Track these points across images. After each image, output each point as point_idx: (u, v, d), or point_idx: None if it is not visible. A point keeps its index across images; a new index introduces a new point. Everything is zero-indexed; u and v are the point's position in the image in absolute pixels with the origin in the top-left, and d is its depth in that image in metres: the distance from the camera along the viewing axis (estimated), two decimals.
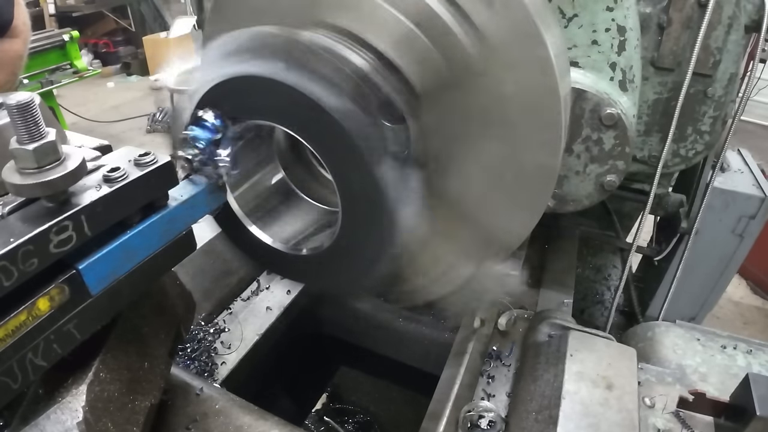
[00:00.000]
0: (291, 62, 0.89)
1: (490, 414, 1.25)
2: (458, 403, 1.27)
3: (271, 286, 1.76)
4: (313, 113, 0.87)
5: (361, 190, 0.92)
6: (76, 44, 6.43)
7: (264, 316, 1.63)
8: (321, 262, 1.08)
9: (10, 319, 0.68)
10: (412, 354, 1.81)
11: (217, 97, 0.96)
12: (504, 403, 1.32)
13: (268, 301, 1.69)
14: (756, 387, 1.02)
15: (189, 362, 1.44)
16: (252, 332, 1.56)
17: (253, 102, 0.94)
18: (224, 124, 0.95)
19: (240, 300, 1.69)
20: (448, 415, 1.24)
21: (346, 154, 0.89)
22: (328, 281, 1.13)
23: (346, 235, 1.00)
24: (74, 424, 0.80)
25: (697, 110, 1.66)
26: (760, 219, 2.21)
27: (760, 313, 4.90)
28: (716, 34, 1.53)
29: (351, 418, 2.52)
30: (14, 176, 0.70)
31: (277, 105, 0.92)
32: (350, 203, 0.96)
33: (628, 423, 1.08)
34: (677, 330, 1.46)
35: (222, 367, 1.44)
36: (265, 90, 0.91)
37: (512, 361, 1.44)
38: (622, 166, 1.33)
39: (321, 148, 0.93)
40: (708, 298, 2.48)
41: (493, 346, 1.48)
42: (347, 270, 1.06)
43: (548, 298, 1.71)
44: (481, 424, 1.24)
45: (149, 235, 0.85)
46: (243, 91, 0.94)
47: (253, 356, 1.52)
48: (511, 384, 1.37)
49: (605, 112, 1.26)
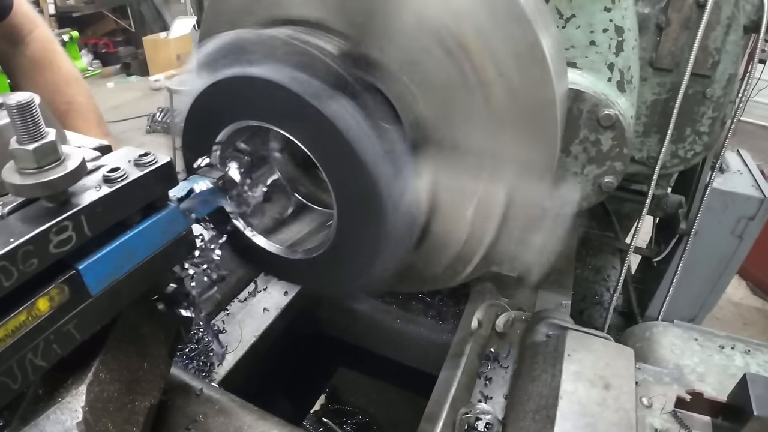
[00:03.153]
0: (279, 61, 0.90)
1: (487, 416, 1.25)
2: (455, 404, 1.27)
3: (268, 287, 1.76)
4: (305, 114, 0.87)
5: (356, 190, 0.92)
6: (75, 44, 6.46)
7: (261, 317, 1.64)
8: (317, 264, 1.08)
9: (9, 320, 0.68)
10: (411, 355, 1.81)
11: (208, 101, 0.97)
12: (501, 405, 1.32)
13: (266, 302, 1.69)
14: (753, 387, 1.02)
15: (187, 361, 1.44)
16: (249, 333, 1.57)
17: (243, 103, 0.95)
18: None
19: (237, 301, 1.70)
20: (445, 417, 1.24)
21: (340, 154, 0.89)
22: (324, 283, 1.13)
23: (341, 237, 1.00)
24: (74, 425, 0.80)
25: (696, 111, 1.65)
26: (759, 220, 2.20)
27: (760, 314, 4.90)
28: (715, 34, 1.52)
29: (349, 419, 2.52)
30: (14, 176, 0.70)
31: (267, 105, 0.93)
32: (345, 204, 0.96)
33: (626, 423, 1.08)
34: (675, 330, 1.46)
35: (219, 368, 1.44)
36: (254, 90, 0.91)
37: (510, 363, 1.44)
38: (620, 167, 1.32)
39: (315, 149, 0.93)
40: (707, 299, 2.48)
41: (490, 347, 1.47)
42: (344, 271, 1.05)
43: (546, 299, 1.71)
44: (478, 426, 1.24)
45: (149, 235, 0.85)
46: (233, 93, 0.95)
47: (250, 357, 1.52)
48: (509, 386, 1.37)
49: (603, 113, 1.25)
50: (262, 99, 0.92)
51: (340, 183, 0.94)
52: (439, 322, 1.77)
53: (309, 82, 0.89)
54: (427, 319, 1.78)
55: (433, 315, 1.79)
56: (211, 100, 0.98)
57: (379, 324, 1.82)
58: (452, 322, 1.72)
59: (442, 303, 1.83)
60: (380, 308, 1.83)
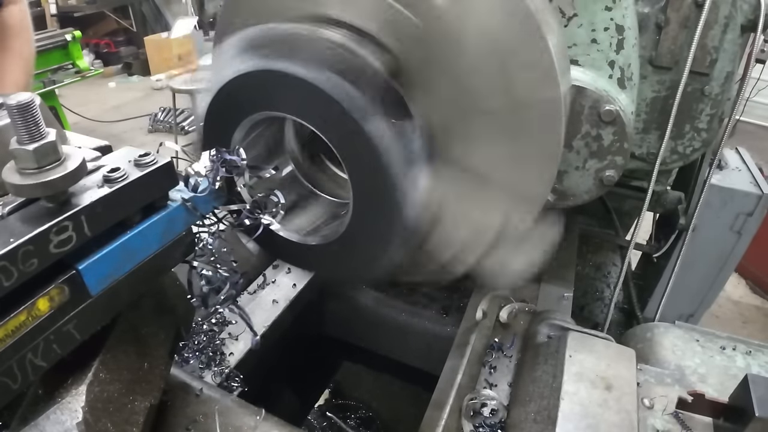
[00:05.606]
0: (326, 64, 0.92)
1: (492, 402, 1.28)
2: (461, 392, 1.30)
3: (276, 279, 1.79)
4: (335, 114, 0.90)
5: (373, 182, 0.96)
6: (78, 44, 6.45)
7: (270, 308, 1.67)
8: (332, 252, 1.11)
9: (10, 320, 0.68)
10: (415, 347, 1.84)
11: (235, 90, 1.00)
12: (506, 393, 1.35)
13: (274, 294, 1.73)
14: (755, 388, 1.01)
15: (198, 353, 1.46)
16: (259, 324, 1.60)
17: (270, 96, 0.97)
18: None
19: (247, 293, 1.73)
20: (452, 404, 1.26)
21: (362, 151, 0.92)
22: (338, 270, 1.17)
23: (356, 225, 1.04)
24: (74, 425, 0.80)
25: (695, 108, 1.69)
26: (757, 216, 2.25)
27: (759, 312, 4.91)
28: (713, 33, 1.56)
29: (353, 413, 2.57)
30: (14, 176, 0.70)
31: (308, 106, 0.95)
32: (361, 194, 1.00)
33: (627, 424, 1.08)
34: (676, 331, 1.46)
35: (231, 357, 1.46)
36: (285, 85, 0.93)
37: (513, 353, 1.47)
38: (621, 161, 1.36)
39: (337, 142, 0.96)
40: (707, 295, 2.52)
41: (494, 338, 1.51)
42: (357, 258, 1.09)
43: (548, 291, 1.74)
44: (483, 412, 1.27)
45: (149, 235, 0.85)
46: (260, 86, 0.97)
47: (260, 346, 1.54)
48: (513, 374, 1.40)
49: (604, 108, 1.29)
50: (303, 98, 0.94)
51: (360, 181, 0.98)
52: (443, 315, 1.80)
53: (354, 95, 0.91)
54: (432, 312, 1.81)
55: (437, 309, 1.82)
56: (249, 85, 0.99)
57: (384, 318, 1.85)
58: (457, 316, 1.75)
59: (447, 296, 1.86)
60: (385, 301, 1.86)
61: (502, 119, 1.03)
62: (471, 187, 1.08)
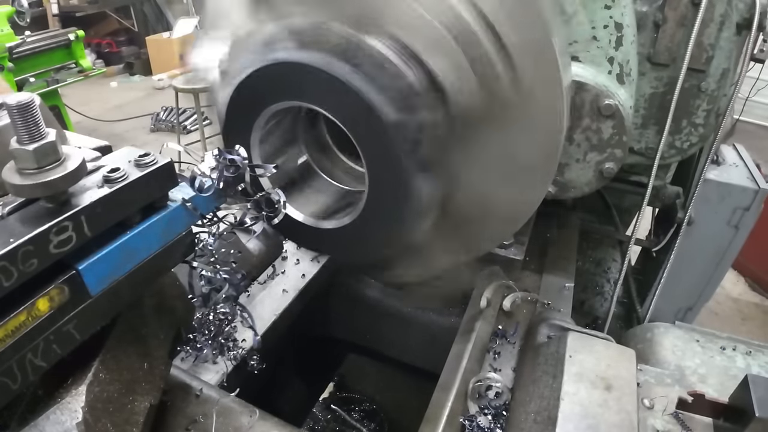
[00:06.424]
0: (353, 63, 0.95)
1: (497, 384, 1.32)
2: (467, 375, 1.33)
3: (286, 270, 1.83)
4: (370, 121, 0.95)
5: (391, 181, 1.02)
6: (81, 44, 6.46)
7: (280, 298, 1.71)
8: (346, 235, 1.17)
9: (9, 320, 0.68)
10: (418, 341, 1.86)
11: (264, 77, 1.03)
12: (510, 377, 1.39)
13: (284, 284, 1.77)
14: (755, 388, 1.01)
15: (210, 341, 1.47)
16: (269, 313, 1.64)
17: (301, 87, 1.01)
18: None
19: (257, 284, 1.77)
20: (458, 386, 1.29)
21: (388, 160, 0.99)
22: (351, 252, 1.23)
23: (369, 211, 1.09)
24: (73, 425, 0.80)
25: (692, 104, 1.72)
26: (754, 210, 2.27)
27: (759, 309, 4.91)
28: (709, 31, 1.58)
29: (357, 406, 2.61)
30: (14, 177, 0.70)
31: (330, 97, 0.99)
32: (377, 185, 1.05)
33: (627, 424, 1.07)
34: (676, 331, 1.46)
35: (244, 343, 1.48)
36: (320, 80, 0.97)
37: (516, 340, 1.51)
38: (620, 154, 1.41)
39: (358, 138, 1.01)
40: (705, 289, 2.55)
41: (498, 325, 1.54)
42: (369, 241, 1.15)
43: (550, 282, 1.77)
44: (488, 394, 1.31)
45: (149, 235, 0.85)
46: (292, 77, 1.00)
47: (270, 335, 1.59)
48: (516, 360, 1.45)
49: (604, 102, 1.34)
50: (333, 93, 0.97)
51: (377, 172, 1.03)
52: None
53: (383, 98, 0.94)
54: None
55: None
56: (278, 75, 1.02)
57: (388, 310, 1.89)
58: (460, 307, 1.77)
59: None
60: (389, 293, 1.90)
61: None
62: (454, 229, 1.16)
